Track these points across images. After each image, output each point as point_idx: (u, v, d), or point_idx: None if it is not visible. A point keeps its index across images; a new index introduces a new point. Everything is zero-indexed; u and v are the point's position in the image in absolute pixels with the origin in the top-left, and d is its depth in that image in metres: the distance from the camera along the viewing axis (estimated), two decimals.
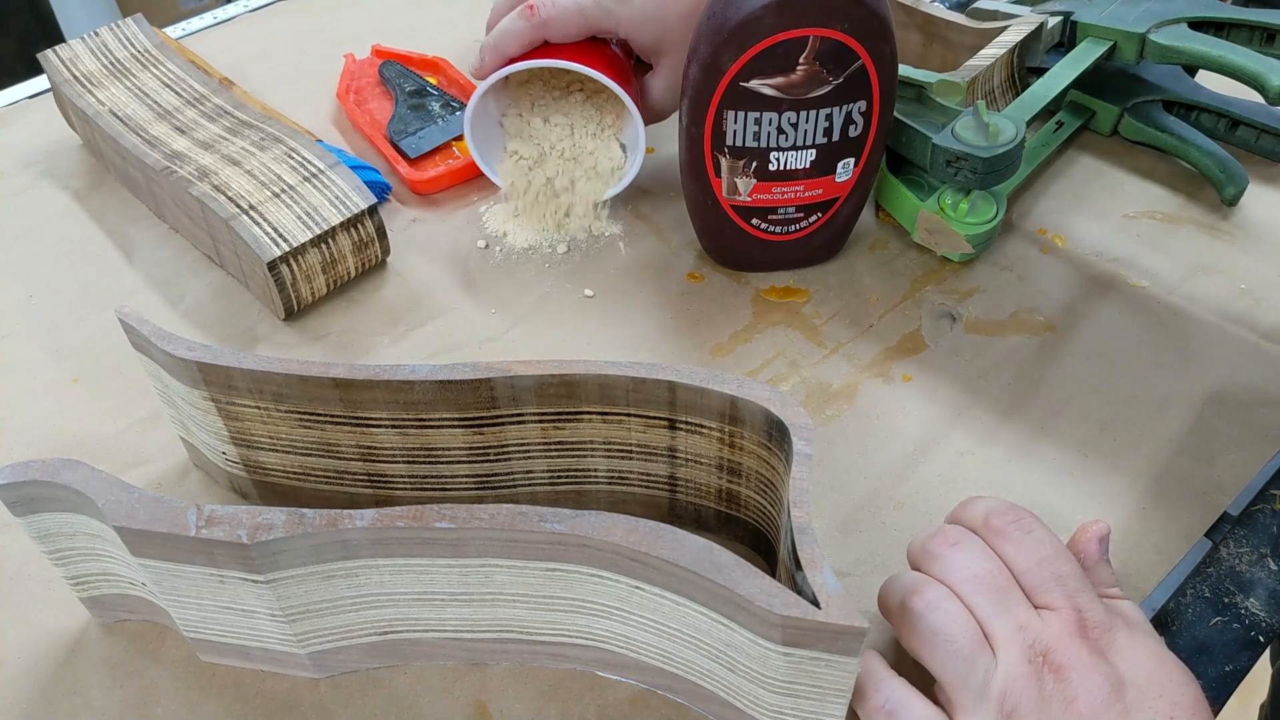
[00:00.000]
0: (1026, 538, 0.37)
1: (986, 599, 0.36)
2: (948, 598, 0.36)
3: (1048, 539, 0.38)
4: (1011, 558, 0.37)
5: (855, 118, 0.49)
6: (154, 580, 0.37)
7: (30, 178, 0.63)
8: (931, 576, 0.37)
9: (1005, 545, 0.38)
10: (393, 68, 0.68)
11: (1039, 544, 0.37)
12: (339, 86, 0.68)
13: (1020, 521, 0.38)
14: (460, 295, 0.56)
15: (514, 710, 0.39)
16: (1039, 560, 0.37)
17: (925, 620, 0.36)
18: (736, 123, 0.49)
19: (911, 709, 0.35)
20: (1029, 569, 0.37)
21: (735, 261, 0.57)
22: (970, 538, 0.38)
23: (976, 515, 0.39)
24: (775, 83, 0.47)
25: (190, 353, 0.40)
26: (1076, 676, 0.34)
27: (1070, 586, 0.36)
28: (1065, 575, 0.36)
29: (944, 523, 0.40)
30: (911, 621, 0.36)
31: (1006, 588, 0.36)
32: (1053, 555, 0.37)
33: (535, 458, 0.42)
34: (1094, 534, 0.40)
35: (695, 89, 0.49)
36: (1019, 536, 0.38)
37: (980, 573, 0.36)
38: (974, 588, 0.36)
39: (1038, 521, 0.38)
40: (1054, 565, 0.37)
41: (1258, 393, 0.50)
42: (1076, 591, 0.36)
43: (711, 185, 0.52)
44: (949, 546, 0.38)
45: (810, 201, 0.53)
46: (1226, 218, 0.59)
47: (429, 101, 0.65)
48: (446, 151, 0.63)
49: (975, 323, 0.54)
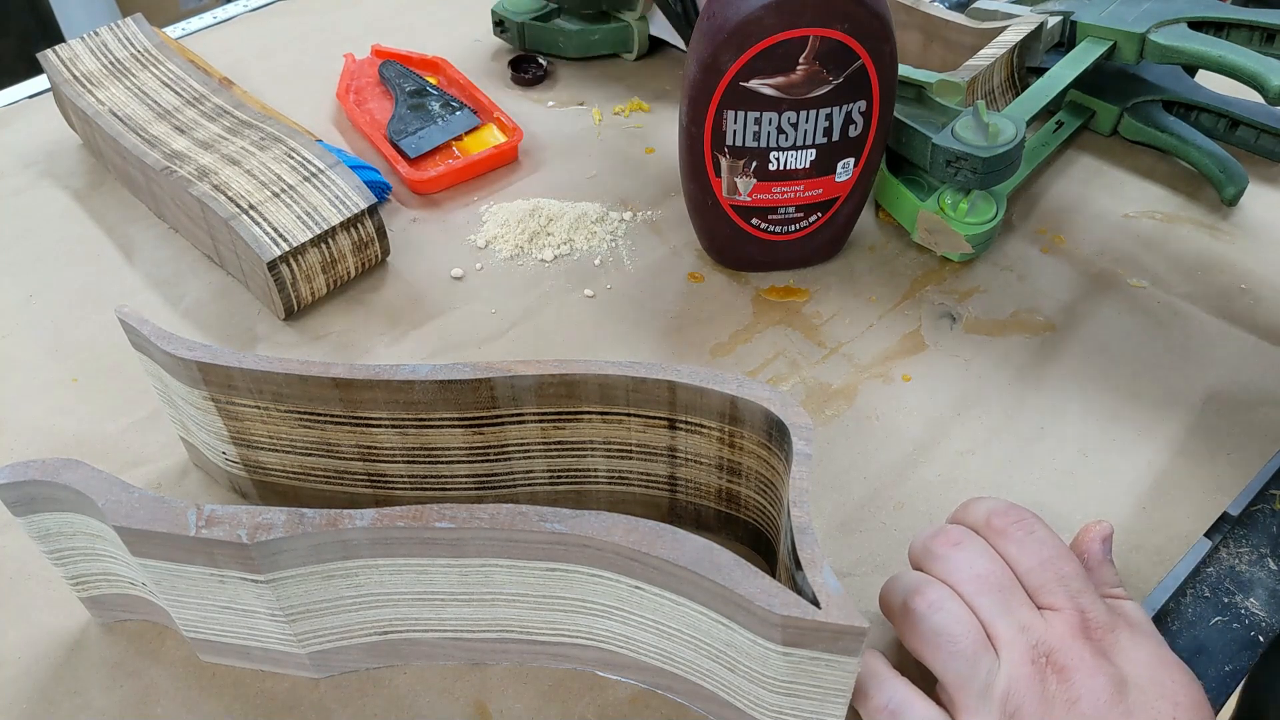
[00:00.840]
0: (1029, 538, 0.37)
1: (989, 599, 0.36)
2: (950, 598, 0.36)
3: (1050, 539, 0.38)
4: (1014, 558, 0.37)
5: (855, 117, 0.49)
6: (154, 580, 0.37)
7: (30, 177, 0.63)
8: (934, 577, 0.37)
9: (1008, 545, 0.38)
10: (393, 68, 0.68)
11: (1041, 544, 0.37)
12: (339, 86, 0.68)
13: (1022, 522, 0.38)
14: (460, 295, 0.56)
15: (514, 710, 0.39)
16: (1041, 561, 0.37)
17: (928, 621, 0.36)
18: (736, 123, 0.49)
19: (914, 709, 0.35)
20: (1031, 569, 0.37)
21: (735, 261, 0.56)
22: (973, 538, 0.38)
23: (978, 515, 0.39)
24: (775, 82, 0.47)
25: (190, 352, 0.40)
26: (1079, 677, 0.34)
27: (1073, 587, 0.36)
28: (1068, 575, 0.36)
29: (945, 523, 0.40)
30: (914, 622, 0.36)
31: (1009, 588, 0.36)
32: (1055, 555, 0.37)
33: (535, 458, 0.42)
34: (1097, 534, 0.40)
35: (695, 88, 0.49)
36: (1021, 537, 0.38)
37: (983, 573, 0.36)
38: (976, 588, 0.36)
39: (1040, 522, 0.38)
40: (1057, 565, 0.37)
41: (1258, 393, 0.50)
42: (1079, 592, 0.36)
43: (711, 185, 0.52)
44: (951, 546, 0.38)
45: (810, 201, 0.53)
46: (1226, 218, 0.59)
47: (429, 101, 0.65)
48: (446, 151, 0.63)
49: (975, 323, 0.54)
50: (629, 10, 0.70)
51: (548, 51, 0.71)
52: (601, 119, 0.67)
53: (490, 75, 0.71)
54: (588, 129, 0.66)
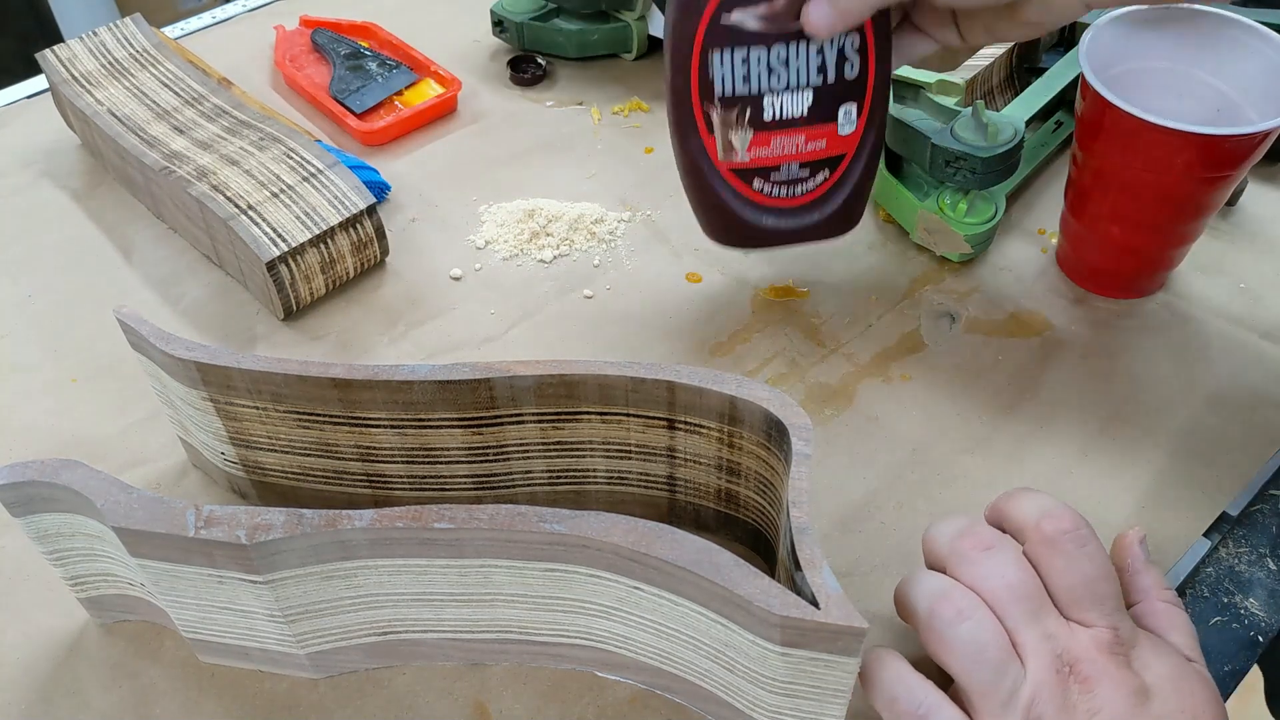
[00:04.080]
0: (1079, 552, 0.36)
1: (1018, 609, 0.35)
2: (978, 606, 0.35)
3: (1098, 555, 0.36)
4: (1059, 572, 0.36)
5: (849, 54, 0.46)
6: (153, 581, 0.37)
7: (29, 178, 0.63)
8: (960, 581, 0.36)
9: (1055, 558, 0.36)
10: (324, 34, 0.71)
11: (1089, 561, 0.36)
12: (275, 56, 0.71)
13: (1076, 534, 0.36)
14: (459, 295, 0.56)
15: (513, 710, 0.39)
16: (1084, 580, 0.36)
17: (955, 629, 0.35)
18: (724, 65, 0.46)
19: (943, 716, 0.35)
20: (1072, 587, 0.36)
21: (741, 237, 0.51)
22: (1004, 541, 0.37)
23: (1028, 514, 0.37)
24: (759, 12, 0.44)
25: (189, 353, 0.40)
26: (1101, 688, 0.34)
27: (1107, 607, 0.36)
28: (1105, 596, 0.36)
29: (984, 512, 0.39)
30: (940, 629, 0.35)
31: (1038, 597, 0.35)
32: (1099, 576, 0.36)
33: (534, 458, 0.42)
34: (1134, 538, 0.40)
35: (675, 33, 0.46)
36: (1072, 551, 0.36)
37: (1014, 582, 0.35)
38: (1006, 597, 0.35)
39: (1092, 534, 0.37)
40: (1097, 586, 0.36)
41: (1258, 393, 0.50)
42: (1113, 612, 0.36)
43: (705, 146, 0.48)
44: (982, 550, 0.36)
45: (814, 157, 0.49)
46: (1226, 218, 0.59)
47: (365, 62, 0.68)
48: (389, 106, 0.67)
49: (974, 323, 0.54)
50: (628, 10, 0.70)
51: (547, 51, 0.71)
52: (600, 119, 0.67)
53: (489, 75, 0.71)
54: (587, 129, 0.66)
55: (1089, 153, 0.51)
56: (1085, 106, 0.49)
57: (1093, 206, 0.52)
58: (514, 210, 0.60)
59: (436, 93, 0.67)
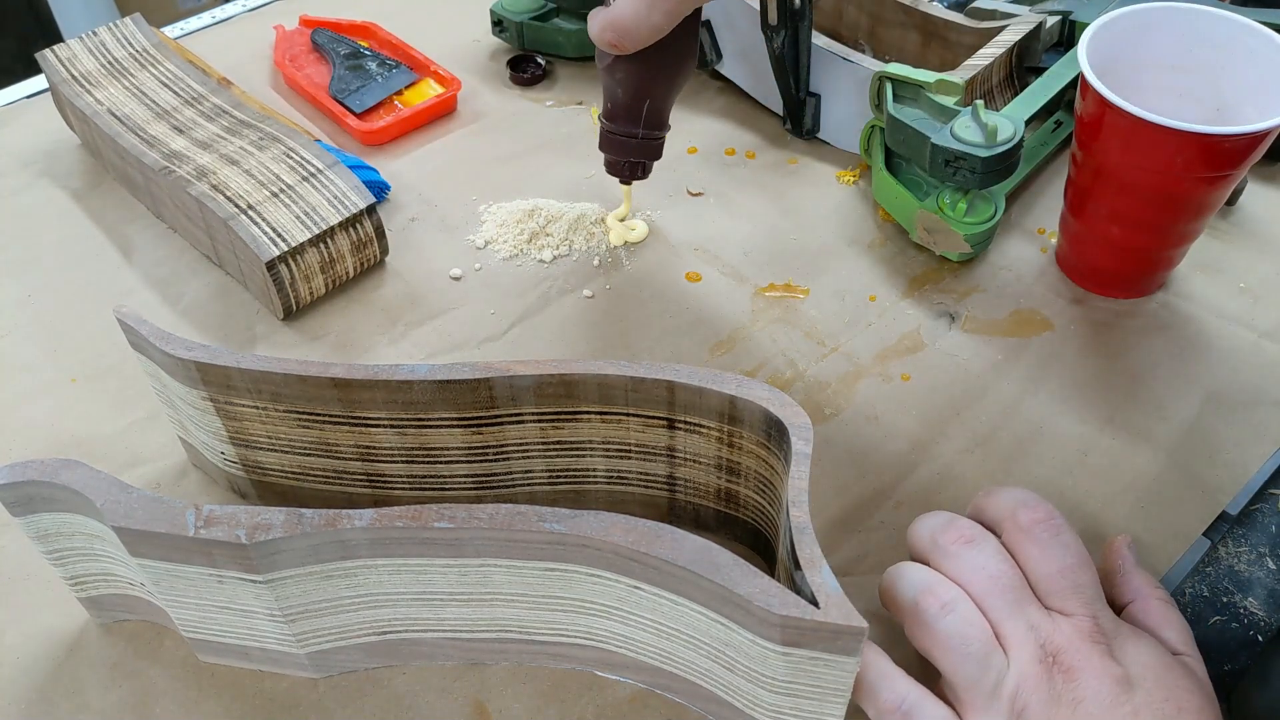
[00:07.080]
0: (1054, 541, 0.37)
1: (1001, 600, 0.35)
2: (962, 599, 0.36)
3: (1074, 545, 0.37)
4: (1035, 559, 0.37)
5: None
6: (153, 580, 0.37)
7: (29, 177, 0.63)
8: (944, 574, 0.37)
9: (1030, 546, 0.37)
10: (324, 34, 0.71)
11: (1065, 550, 0.37)
12: (275, 56, 0.70)
13: (1050, 522, 0.37)
14: (459, 295, 0.56)
15: (513, 710, 0.39)
16: (1061, 568, 0.36)
17: (940, 622, 0.35)
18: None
19: (925, 710, 0.35)
20: (1050, 575, 0.36)
21: None
22: (985, 535, 0.38)
23: (1004, 505, 0.38)
24: None
25: (188, 352, 0.40)
26: (1085, 677, 0.34)
27: (1087, 595, 0.36)
28: (1083, 585, 0.36)
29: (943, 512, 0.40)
30: (925, 622, 0.36)
31: (1020, 588, 0.36)
32: (1076, 564, 0.36)
33: (534, 457, 0.42)
34: (1122, 542, 0.40)
35: None
36: (1047, 539, 0.37)
37: (995, 574, 0.36)
38: (988, 589, 0.36)
39: (1065, 525, 0.37)
40: (1075, 575, 0.36)
41: (1258, 393, 0.50)
42: (1092, 600, 0.36)
43: None
44: (964, 544, 0.37)
45: None
46: (1226, 218, 0.59)
47: (365, 62, 0.68)
48: (389, 105, 0.67)
49: (974, 322, 0.54)
50: None
51: (546, 51, 0.71)
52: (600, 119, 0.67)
53: (489, 75, 0.71)
54: (586, 129, 0.66)
55: (1089, 152, 0.51)
56: (1085, 106, 0.49)
57: (1092, 206, 0.52)
58: (514, 210, 0.60)
59: (436, 92, 0.67)
